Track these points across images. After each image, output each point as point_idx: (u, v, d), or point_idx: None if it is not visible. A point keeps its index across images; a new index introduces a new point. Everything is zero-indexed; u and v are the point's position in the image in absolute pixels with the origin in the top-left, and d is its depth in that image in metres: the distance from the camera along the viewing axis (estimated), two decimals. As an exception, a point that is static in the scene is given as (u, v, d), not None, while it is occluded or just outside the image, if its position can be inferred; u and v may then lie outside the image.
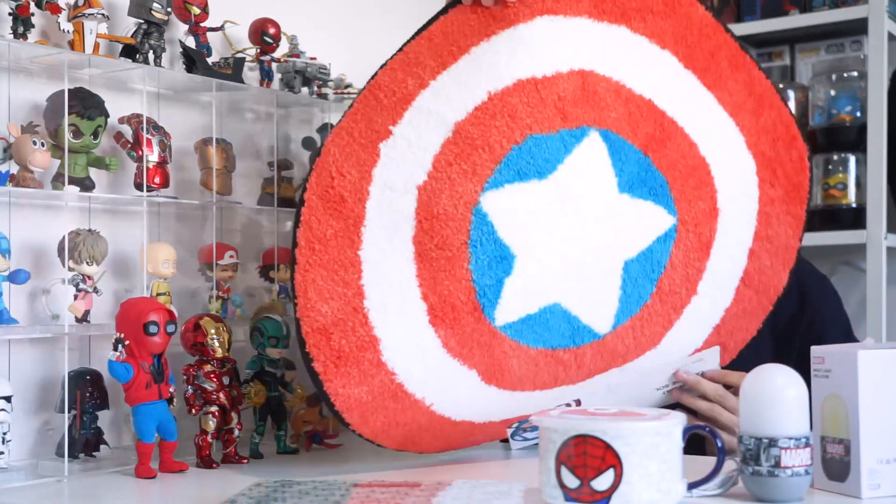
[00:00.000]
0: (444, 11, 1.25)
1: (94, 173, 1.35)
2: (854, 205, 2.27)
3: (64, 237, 1.30)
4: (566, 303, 1.26)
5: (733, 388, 1.37)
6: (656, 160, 1.29)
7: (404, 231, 1.21)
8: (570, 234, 1.24)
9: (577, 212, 1.24)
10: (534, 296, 1.25)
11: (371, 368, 1.20)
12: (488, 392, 1.27)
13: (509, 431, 1.35)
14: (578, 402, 1.35)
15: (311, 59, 1.64)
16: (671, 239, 1.31)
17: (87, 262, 1.30)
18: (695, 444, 1.07)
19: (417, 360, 1.22)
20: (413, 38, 1.25)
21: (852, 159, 2.27)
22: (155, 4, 1.39)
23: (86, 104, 1.30)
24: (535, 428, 1.18)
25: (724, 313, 1.39)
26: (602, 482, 0.97)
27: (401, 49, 1.25)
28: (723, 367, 1.42)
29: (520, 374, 1.27)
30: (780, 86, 2.34)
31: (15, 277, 1.26)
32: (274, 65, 1.62)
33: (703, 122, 1.33)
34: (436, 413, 1.25)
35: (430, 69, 1.23)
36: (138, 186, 1.39)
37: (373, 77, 1.24)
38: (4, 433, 1.21)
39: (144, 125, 1.38)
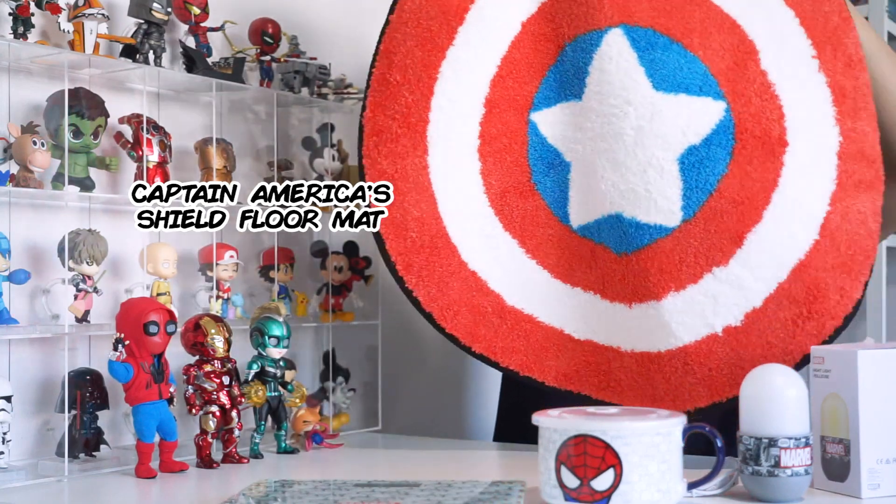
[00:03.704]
0: None
1: (94, 173, 1.35)
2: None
3: (64, 237, 1.30)
4: (627, 213, 1.29)
5: None
6: (692, 46, 1.28)
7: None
8: (614, 144, 1.30)
9: (616, 119, 1.29)
10: (593, 204, 1.32)
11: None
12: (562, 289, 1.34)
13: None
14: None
15: (311, 58, 1.64)
16: (729, 127, 1.27)
17: (87, 262, 1.30)
18: (695, 444, 1.07)
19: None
20: None
21: (852, 159, 2.27)
22: (155, 4, 1.39)
23: (86, 104, 1.30)
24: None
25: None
26: (602, 482, 0.97)
27: None
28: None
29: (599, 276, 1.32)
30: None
31: (15, 277, 1.26)
32: (274, 65, 1.62)
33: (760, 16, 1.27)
34: (507, 304, 1.33)
35: None
36: (138, 186, 1.39)
37: None
38: (4, 433, 1.21)
39: (144, 125, 1.38)
